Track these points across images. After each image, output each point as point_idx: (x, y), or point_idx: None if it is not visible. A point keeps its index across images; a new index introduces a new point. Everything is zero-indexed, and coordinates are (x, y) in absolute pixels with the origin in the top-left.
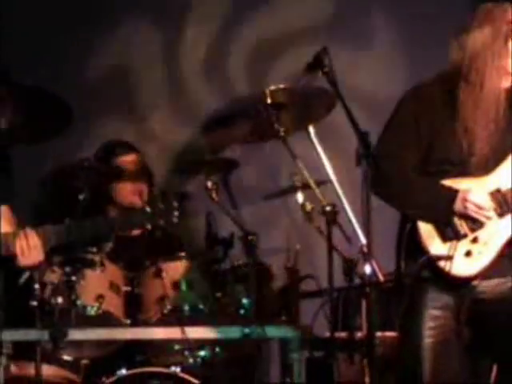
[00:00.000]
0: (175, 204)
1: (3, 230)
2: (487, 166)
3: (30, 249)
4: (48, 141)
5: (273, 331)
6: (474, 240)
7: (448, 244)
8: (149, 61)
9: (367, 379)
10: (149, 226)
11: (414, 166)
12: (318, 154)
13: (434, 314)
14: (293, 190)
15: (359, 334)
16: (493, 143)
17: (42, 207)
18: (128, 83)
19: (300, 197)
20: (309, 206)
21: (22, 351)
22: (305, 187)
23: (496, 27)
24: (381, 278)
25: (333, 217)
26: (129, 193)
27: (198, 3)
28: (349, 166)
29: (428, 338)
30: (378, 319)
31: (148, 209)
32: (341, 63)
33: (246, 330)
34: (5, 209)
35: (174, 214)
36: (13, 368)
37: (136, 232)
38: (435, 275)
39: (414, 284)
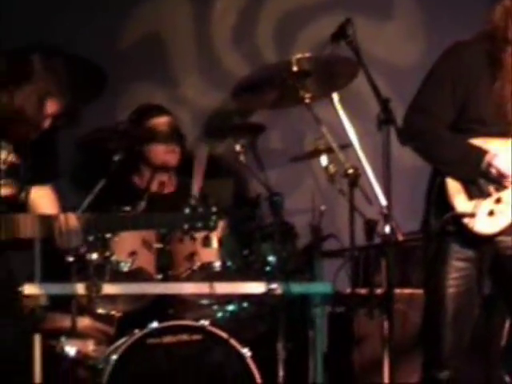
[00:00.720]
0: (214, 209)
1: (45, 211)
2: None
3: (68, 233)
4: (85, 105)
5: (297, 287)
6: (498, 200)
7: (473, 202)
8: (180, 28)
9: (386, 333)
10: (186, 227)
11: (446, 123)
12: (341, 119)
13: (458, 265)
14: (317, 153)
15: (379, 291)
16: None
17: (78, 169)
18: (160, 50)
19: (324, 160)
20: (332, 169)
21: (59, 304)
22: (328, 151)
23: None
24: (400, 237)
25: (355, 179)
26: (162, 153)
27: None
28: (370, 131)
29: (451, 288)
30: (397, 277)
31: (188, 211)
32: (363, 33)
33: (272, 286)
34: (48, 189)
35: (212, 218)
36: (50, 320)
37: (168, 190)
38: (460, 231)
39: (440, 238)
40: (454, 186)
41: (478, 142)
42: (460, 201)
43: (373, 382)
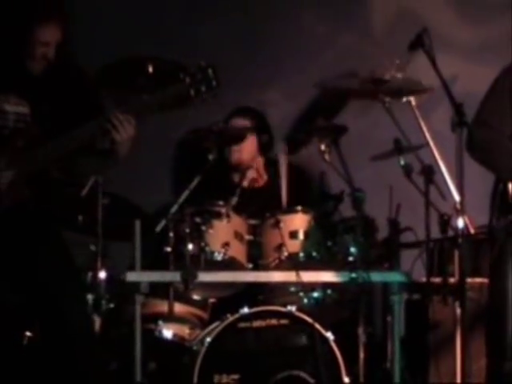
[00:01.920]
0: (212, 73)
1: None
2: None
3: (124, 123)
4: (182, 108)
5: (376, 276)
6: None
7: None
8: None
9: (458, 319)
10: (192, 92)
11: (506, 134)
12: (418, 121)
13: None
14: (396, 152)
15: (452, 280)
16: None
17: (177, 166)
18: (248, 58)
19: (402, 159)
20: (409, 167)
21: (158, 291)
22: (406, 150)
23: None
24: (472, 230)
25: (430, 176)
26: (231, 153)
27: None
28: (445, 132)
29: None
30: (469, 267)
31: (188, 79)
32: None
33: (353, 275)
34: None
35: (213, 82)
36: (149, 305)
37: (258, 185)
38: None
39: (503, 237)
40: None
41: None
42: None
43: (446, 365)
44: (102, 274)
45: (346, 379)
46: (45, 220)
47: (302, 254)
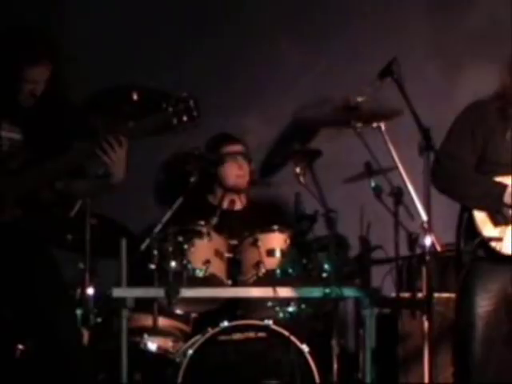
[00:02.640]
0: (193, 104)
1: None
2: None
3: (113, 146)
4: (165, 134)
5: (349, 291)
6: None
7: (498, 228)
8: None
9: (426, 332)
10: (174, 121)
11: (470, 166)
12: (387, 145)
13: (487, 287)
14: (366, 175)
15: (420, 295)
16: None
17: (160, 188)
18: (227, 86)
19: (372, 181)
20: (379, 189)
21: (143, 306)
22: (376, 173)
23: None
24: (438, 248)
25: (399, 197)
26: (234, 176)
27: None
28: (412, 156)
29: (480, 308)
30: (436, 282)
31: (170, 109)
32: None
33: (327, 291)
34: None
35: (193, 112)
36: (135, 319)
37: (237, 208)
38: (488, 253)
39: (470, 261)
40: (480, 217)
41: (498, 179)
42: (487, 228)
43: (415, 375)
44: (90, 290)
45: None
46: (34, 238)
47: (278, 271)
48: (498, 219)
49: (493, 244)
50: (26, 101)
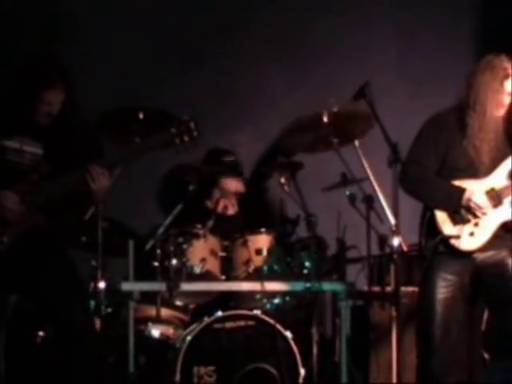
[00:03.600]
0: (193, 126)
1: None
2: (486, 172)
3: (99, 176)
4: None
5: (327, 286)
6: (476, 224)
7: (457, 227)
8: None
9: (394, 320)
10: (177, 141)
11: (433, 171)
12: (360, 158)
13: (446, 277)
14: (342, 184)
15: (389, 288)
16: (491, 155)
17: (162, 196)
18: (221, 106)
19: (347, 189)
20: (353, 196)
21: (147, 298)
22: (351, 182)
23: (495, 72)
24: (405, 248)
25: (370, 204)
26: (235, 184)
27: None
28: (382, 168)
29: (440, 295)
30: (403, 278)
31: (173, 130)
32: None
33: (308, 285)
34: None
35: (194, 133)
36: (140, 310)
37: (230, 212)
38: (447, 249)
39: (431, 255)
40: (441, 216)
41: (457, 183)
42: (447, 227)
43: (384, 358)
44: (102, 285)
45: (302, 370)
46: (53, 241)
47: (265, 268)
48: (456, 219)
49: (452, 241)
50: (44, 120)
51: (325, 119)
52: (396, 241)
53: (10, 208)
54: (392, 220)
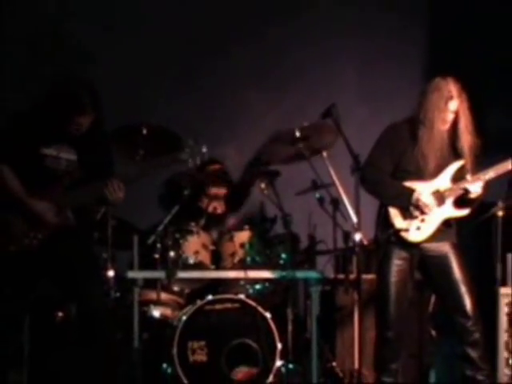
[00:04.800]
0: (203, 148)
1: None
2: (432, 175)
3: (116, 190)
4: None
5: (300, 274)
6: (422, 220)
7: (406, 221)
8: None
9: (356, 303)
10: (190, 162)
11: (388, 173)
12: (328, 167)
13: (397, 263)
14: (313, 189)
15: (352, 276)
16: (437, 162)
17: (161, 198)
18: (210, 123)
19: (317, 193)
20: (322, 199)
21: (149, 284)
22: (320, 187)
23: (440, 93)
24: (365, 242)
25: (336, 206)
26: (216, 190)
27: None
28: (346, 176)
29: (393, 278)
30: (363, 267)
31: (187, 150)
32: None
33: (284, 273)
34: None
35: (203, 153)
36: (143, 294)
37: (219, 212)
38: (398, 240)
39: (385, 245)
40: (393, 212)
41: (408, 184)
42: (398, 221)
43: (348, 335)
44: (111, 273)
45: (279, 345)
46: (80, 237)
47: (248, 259)
48: (406, 214)
49: (402, 233)
50: (75, 134)
51: (297, 134)
52: (358, 236)
53: (49, 220)
54: (354, 219)
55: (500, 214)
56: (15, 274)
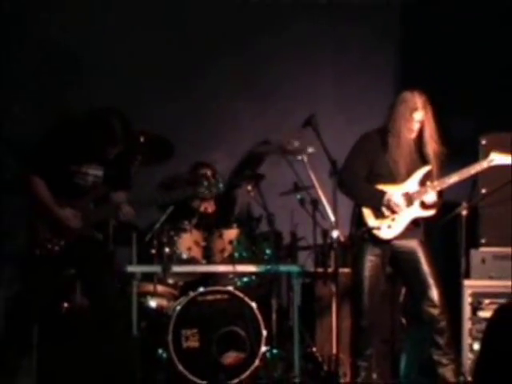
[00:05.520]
0: (221, 183)
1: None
2: (402, 179)
3: (128, 213)
4: (158, 165)
5: (283, 268)
6: (393, 219)
7: (378, 220)
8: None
9: (334, 295)
10: (207, 194)
11: (362, 177)
12: (308, 171)
13: (370, 259)
14: (295, 190)
15: (330, 270)
16: (406, 167)
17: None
18: (202, 131)
19: (298, 194)
20: (303, 200)
21: (147, 277)
22: (301, 189)
23: (407, 105)
24: (342, 239)
25: (316, 206)
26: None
27: None
28: (325, 179)
29: (366, 272)
30: (340, 262)
31: (206, 183)
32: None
33: (268, 267)
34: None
35: (220, 187)
36: (141, 286)
37: (209, 211)
38: (371, 237)
39: (359, 242)
40: (366, 212)
41: (380, 187)
42: (371, 220)
43: (327, 323)
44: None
45: (264, 332)
46: (98, 243)
47: (236, 254)
48: (378, 214)
49: (374, 231)
50: (104, 159)
51: (284, 144)
52: (335, 233)
53: (73, 226)
54: (332, 218)
55: (464, 213)
56: (38, 273)
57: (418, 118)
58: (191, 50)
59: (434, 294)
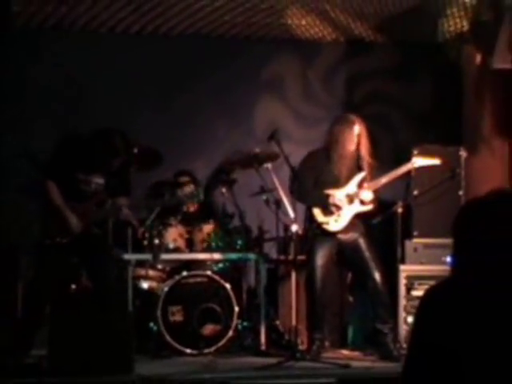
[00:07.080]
0: (201, 194)
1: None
2: (344, 184)
3: (126, 214)
4: (148, 171)
5: (252, 256)
6: (338, 215)
7: (327, 217)
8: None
9: (294, 279)
10: (189, 201)
11: (310, 185)
12: (272, 177)
13: (322, 250)
14: (262, 192)
15: (290, 257)
16: (347, 174)
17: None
18: (184, 143)
19: (264, 195)
20: (268, 200)
21: (140, 263)
22: (266, 191)
23: (344, 124)
24: (300, 232)
25: (278, 205)
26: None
27: None
28: (286, 183)
29: (319, 261)
30: (298, 250)
31: (194, 193)
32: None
33: (240, 255)
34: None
35: (200, 197)
36: (135, 271)
37: (192, 210)
38: (321, 231)
39: (312, 236)
40: (317, 211)
41: (327, 191)
42: (320, 216)
43: (287, 302)
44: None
45: (236, 308)
46: (102, 238)
47: (213, 244)
48: (326, 212)
49: (324, 226)
50: (107, 169)
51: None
52: (294, 227)
53: (73, 228)
54: (292, 215)
55: (400, 210)
56: (50, 261)
57: (356, 131)
58: (173, 74)
59: (376, 273)
